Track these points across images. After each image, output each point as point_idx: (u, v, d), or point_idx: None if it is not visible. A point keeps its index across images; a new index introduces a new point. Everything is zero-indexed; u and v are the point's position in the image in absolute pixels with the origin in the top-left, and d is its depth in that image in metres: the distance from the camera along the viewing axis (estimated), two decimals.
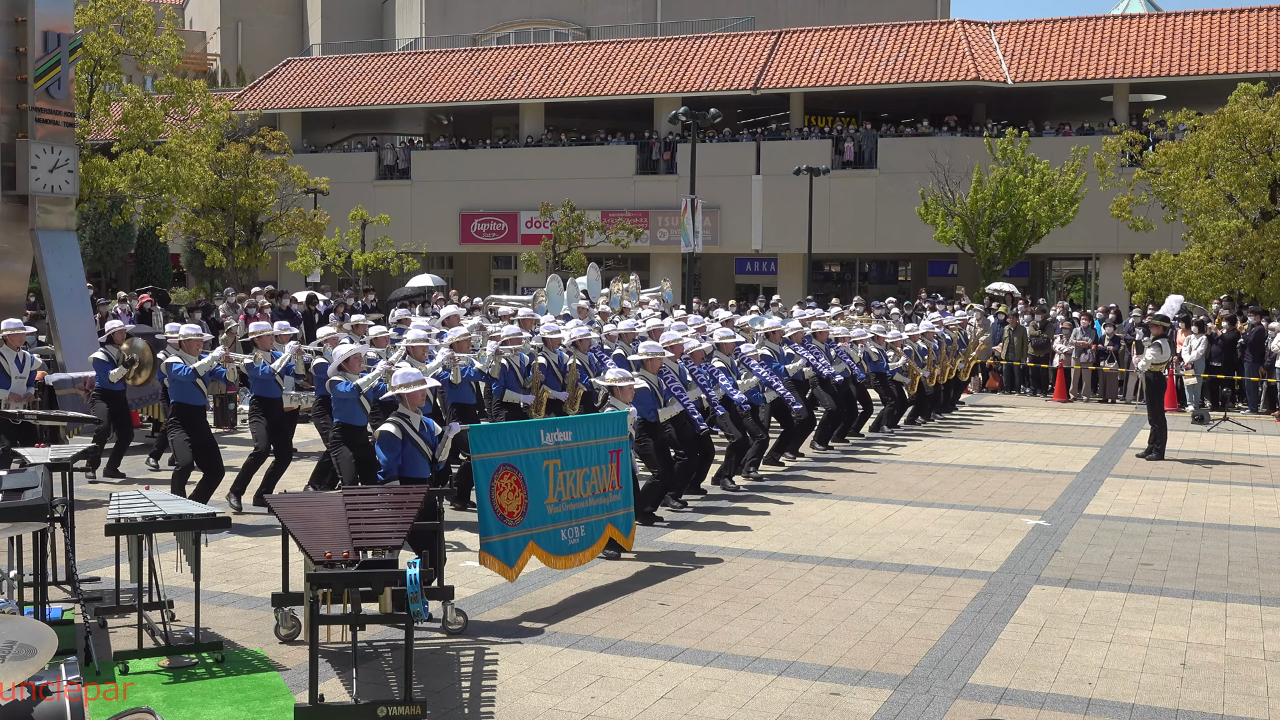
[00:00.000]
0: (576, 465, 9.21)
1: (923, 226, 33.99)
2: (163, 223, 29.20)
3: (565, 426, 9.29)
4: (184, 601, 7.99)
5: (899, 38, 40.60)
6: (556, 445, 9.03)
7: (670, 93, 40.64)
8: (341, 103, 44.80)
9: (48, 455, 8.91)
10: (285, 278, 39.73)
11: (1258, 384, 22.03)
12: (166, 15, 27.80)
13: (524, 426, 9.26)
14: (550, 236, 34.98)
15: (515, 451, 8.70)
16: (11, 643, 3.96)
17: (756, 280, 42.62)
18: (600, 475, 9.46)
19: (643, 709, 6.71)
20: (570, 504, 9.14)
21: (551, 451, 8.98)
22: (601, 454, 9.51)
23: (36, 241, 16.77)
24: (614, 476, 9.59)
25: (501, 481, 8.53)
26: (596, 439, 9.48)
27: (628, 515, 9.89)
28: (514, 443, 8.75)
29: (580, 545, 9.27)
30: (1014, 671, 7.40)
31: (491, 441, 8.59)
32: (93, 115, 25.70)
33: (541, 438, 8.98)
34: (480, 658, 7.54)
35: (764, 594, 9.07)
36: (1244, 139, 25.27)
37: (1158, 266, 26.69)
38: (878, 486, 13.79)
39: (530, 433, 9.00)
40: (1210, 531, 11.57)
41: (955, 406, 21.52)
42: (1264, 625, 8.45)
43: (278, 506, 7.57)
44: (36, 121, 16.47)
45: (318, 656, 6.40)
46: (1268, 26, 37.30)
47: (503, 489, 8.54)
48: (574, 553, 9.22)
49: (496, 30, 51.54)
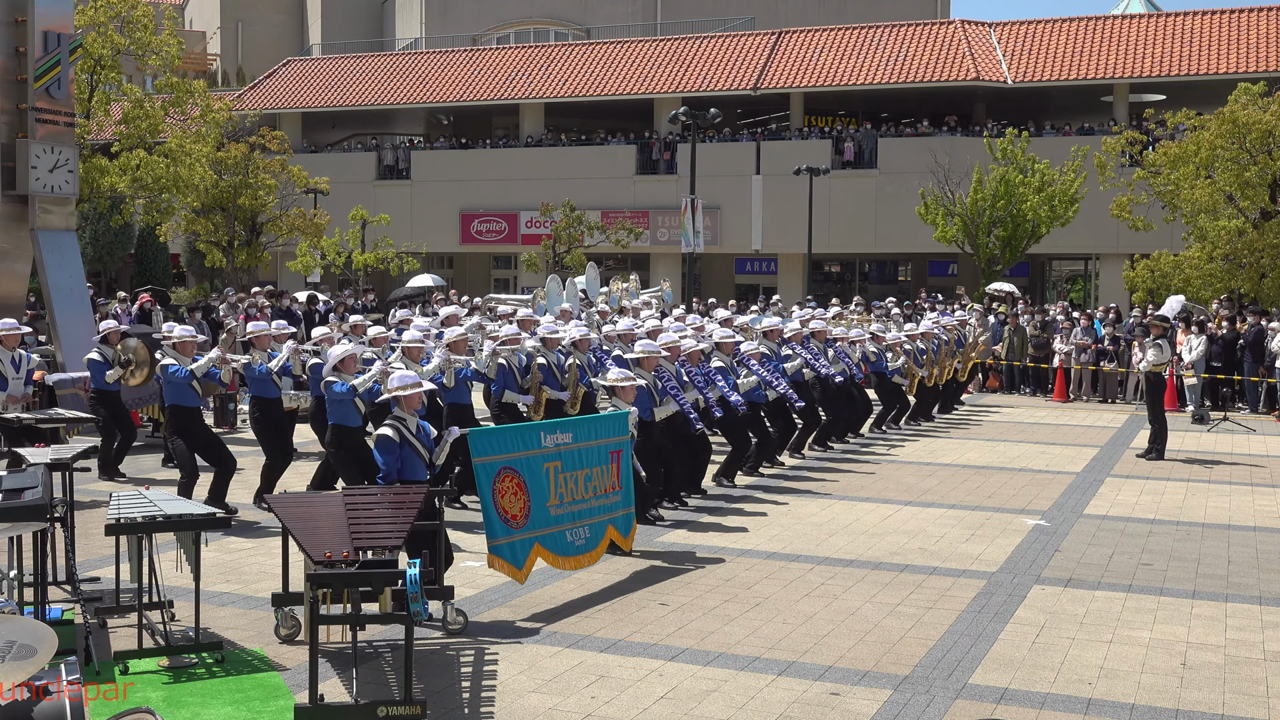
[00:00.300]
0: (578, 467, 9.21)
1: (923, 226, 33.99)
2: (163, 223, 29.21)
3: (566, 428, 9.28)
4: (184, 601, 7.99)
5: (899, 38, 40.60)
6: (557, 447, 9.03)
7: (670, 93, 40.64)
8: (341, 103, 44.80)
9: (48, 455, 8.91)
10: (285, 278, 39.73)
11: (1258, 384, 22.03)
12: (166, 15, 27.81)
13: (524, 429, 9.25)
14: (550, 236, 34.98)
15: (516, 454, 8.70)
16: (11, 643, 3.96)
17: (756, 280, 42.62)
18: (601, 476, 9.47)
19: (643, 709, 6.71)
20: (573, 505, 9.15)
21: (552, 454, 8.98)
22: (602, 455, 9.51)
23: (36, 241, 16.77)
24: (614, 477, 9.59)
25: (503, 485, 8.54)
26: (598, 440, 9.48)
27: (627, 516, 9.89)
28: (514, 446, 8.75)
29: (586, 546, 9.29)
30: (1014, 671, 7.40)
31: (492, 445, 8.59)
32: (93, 115, 25.71)
33: (542, 440, 8.97)
34: (480, 658, 7.54)
35: (764, 594, 9.07)
36: (1244, 139, 25.27)
37: (1158, 266, 26.70)
38: (878, 486, 13.79)
39: (531, 435, 9.00)
40: (1210, 531, 11.57)
41: (955, 406, 21.52)
42: (1264, 625, 8.45)
43: (278, 506, 7.56)
44: (36, 121, 16.48)
45: (318, 656, 6.40)
46: (1268, 26, 37.30)
47: (504, 492, 8.55)
48: (581, 553, 9.24)
49: (496, 30, 51.55)
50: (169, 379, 11.41)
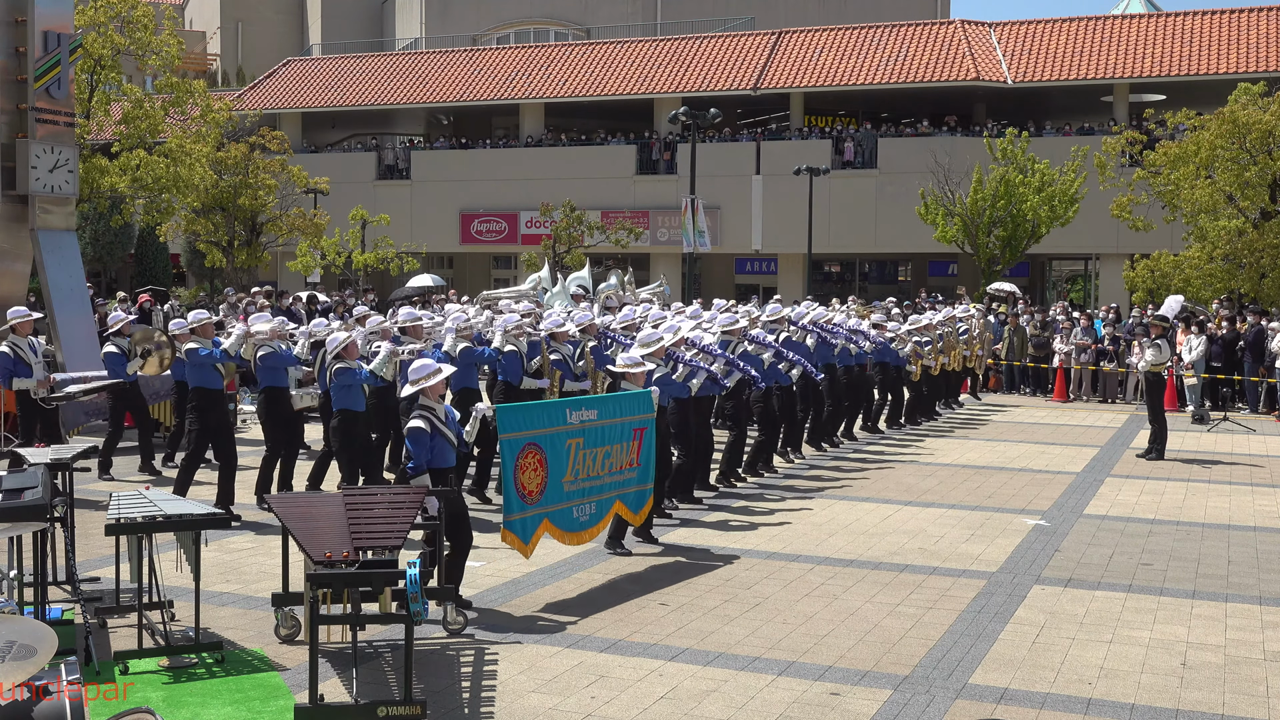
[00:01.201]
0: (599, 444, 9.31)
1: (923, 226, 33.98)
2: (163, 223, 29.20)
3: (591, 405, 9.41)
4: (184, 601, 7.99)
5: (899, 38, 40.59)
6: (582, 424, 9.15)
7: (670, 93, 40.63)
8: (341, 103, 44.79)
9: (48, 455, 8.91)
10: (285, 278, 39.73)
11: (1258, 384, 22.03)
12: (166, 15, 27.79)
13: (551, 406, 9.38)
14: (550, 236, 34.98)
15: (541, 431, 8.82)
16: (11, 643, 3.96)
17: (756, 280, 42.60)
18: (621, 453, 9.55)
19: (643, 709, 6.71)
20: (585, 482, 9.25)
21: (576, 430, 9.10)
22: (625, 432, 9.60)
23: (36, 241, 16.76)
24: (634, 454, 9.67)
25: (526, 460, 8.68)
26: (622, 417, 9.55)
27: (640, 493, 9.93)
28: (541, 422, 8.89)
29: (590, 522, 9.42)
30: (1014, 671, 7.40)
31: (519, 421, 8.73)
32: (93, 115, 25.70)
33: (568, 416, 9.09)
34: (480, 658, 7.54)
35: (764, 594, 9.07)
36: (1244, 139, 25.27)
37: (1158, 266, 26.69)
38: (878, 486, 13.79)
39: (557, 412, 9.12)
40: (1210, 531, 11.57)
41: (961, 402, 21.50)
42: (1264, 625, 8.45)
43: (278, 506, 7.57)
44: (36, 121, 16.46)
45: (318, 656, 6.40)
46: (1268, 26, 37.29)
47: (526, 468, 8.68)
48: (584, 529, 9.38)
49: (496, 30, 51.54)
50: (197, 361, 11.50)
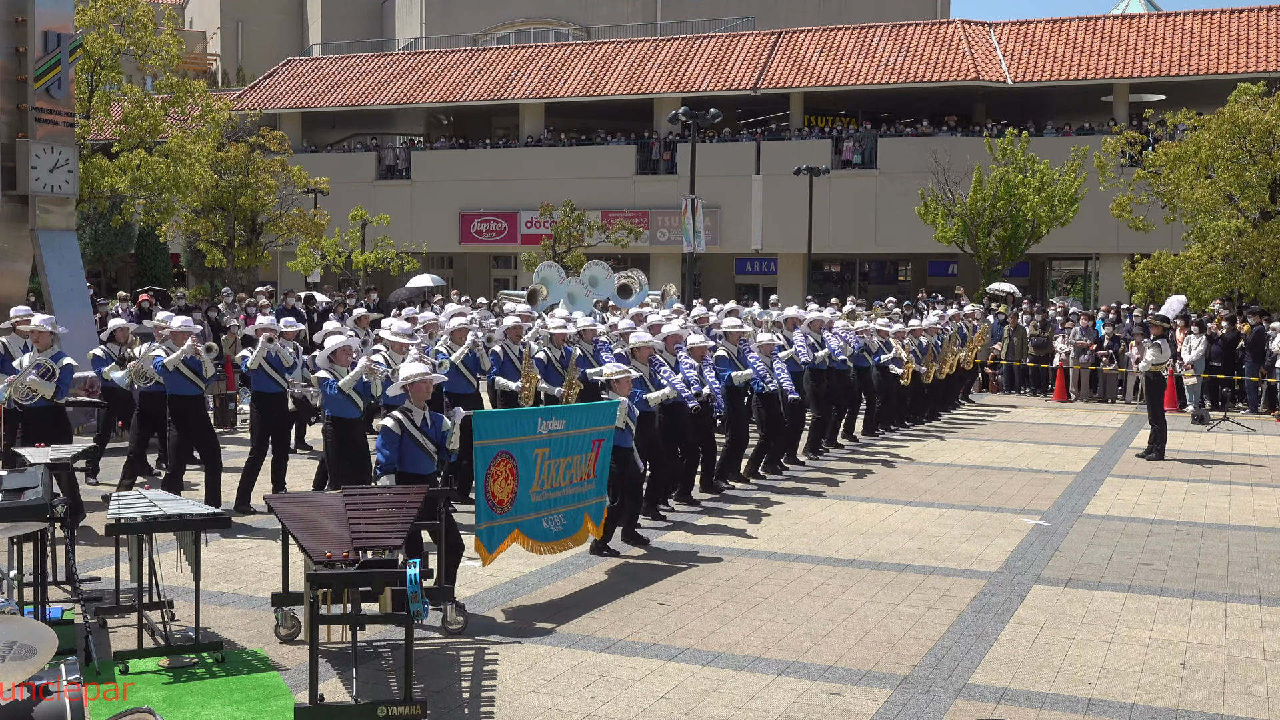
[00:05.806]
0: (563, 454, 9.29)
1: (923, 226, 33.97)
2: (163, 223, 29.17)
3: (560, 415, 9.40)
4: (184, 601, 7.99)
5: (899, 38, 40.59)
6: (550, 434, 9.12)
7: (670, 93, 40.63)
8: (341, 103, 44.78)
9: (48, 455, 8.92)
10: (285, 278, 39.73)
11: (1258, 384, 22.02)
12: (166, 15, 27.76)
13: (523, 414, 9.36)
14: (550, 236, 34.99)
15: (513, 439, 8.79)
16: (11, 643, 3.96)
17: (756, 280, 42.60)
18: (580, 464, 9.53)
19: (643, 709, 6.71)
20: (550, 492, 9.22)
21: (543, 440, 9.07)
22: (585, 443, 9.58)
23: (36, 241, 16.77)
24: (591, 466, 9.64)
25: (497, 469, 8.64)
26: (586, 428, 9.54)
27: (599, 504, 9.92)
28: (513, 430, 8.86)
29: (563, 533, 9.39)
30: (1014, 671, 7.40)
31: (493, 429, 8.69)
32: (93, 115, 25.68)
33: (538, 426, 9.07)
34: (480, 658, 7.54)
35: (764, 594, 9.07)
36: (1244, 139, 25.26)
37: (1158, 266, 26.69)
38: (878, 486, 13.79)
39: (528, 420, 9.10)
40: (1210, 531, 11.57)
41: (960, 403, 21.49)
42: (1264, 625, 8.45)
43: (278, 506, 7.56)
44: (36, 121, 16.47)
45: (318, 656, 6.40)
46: (1268, 26, 37.29)
47: (497, 476, 8.64)
48: (557, 539, 9.35)
49: (496, 30, 51.53)
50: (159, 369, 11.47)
